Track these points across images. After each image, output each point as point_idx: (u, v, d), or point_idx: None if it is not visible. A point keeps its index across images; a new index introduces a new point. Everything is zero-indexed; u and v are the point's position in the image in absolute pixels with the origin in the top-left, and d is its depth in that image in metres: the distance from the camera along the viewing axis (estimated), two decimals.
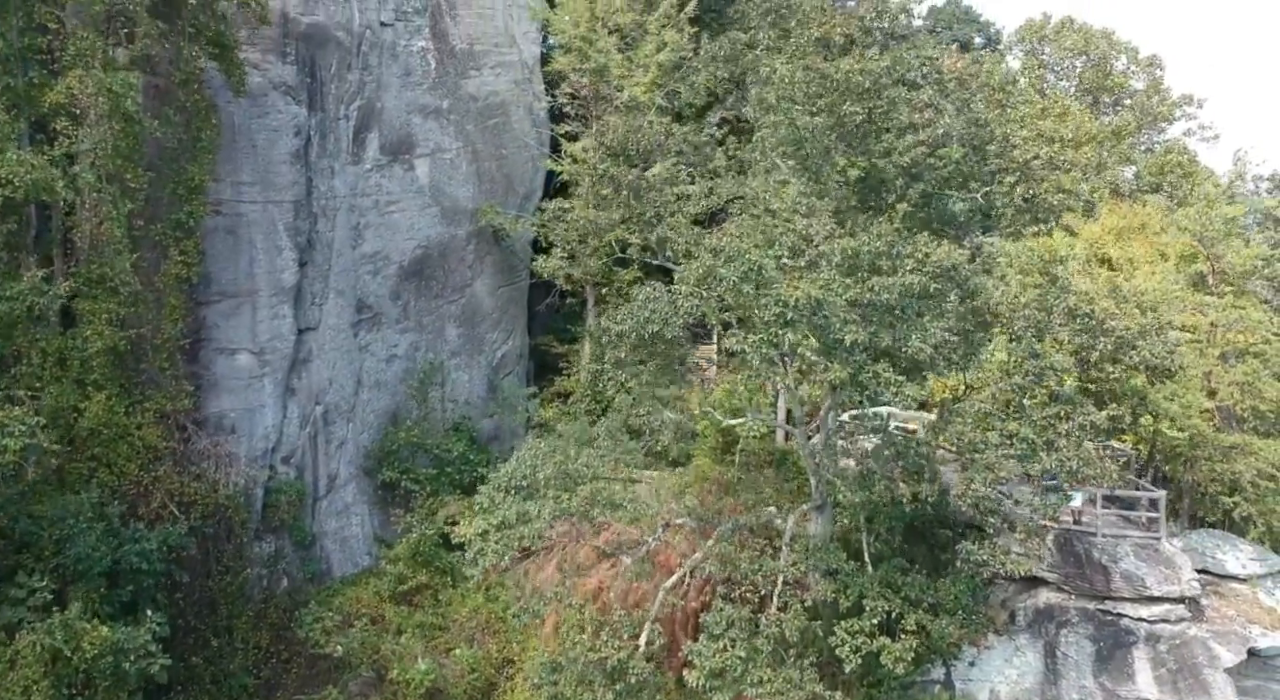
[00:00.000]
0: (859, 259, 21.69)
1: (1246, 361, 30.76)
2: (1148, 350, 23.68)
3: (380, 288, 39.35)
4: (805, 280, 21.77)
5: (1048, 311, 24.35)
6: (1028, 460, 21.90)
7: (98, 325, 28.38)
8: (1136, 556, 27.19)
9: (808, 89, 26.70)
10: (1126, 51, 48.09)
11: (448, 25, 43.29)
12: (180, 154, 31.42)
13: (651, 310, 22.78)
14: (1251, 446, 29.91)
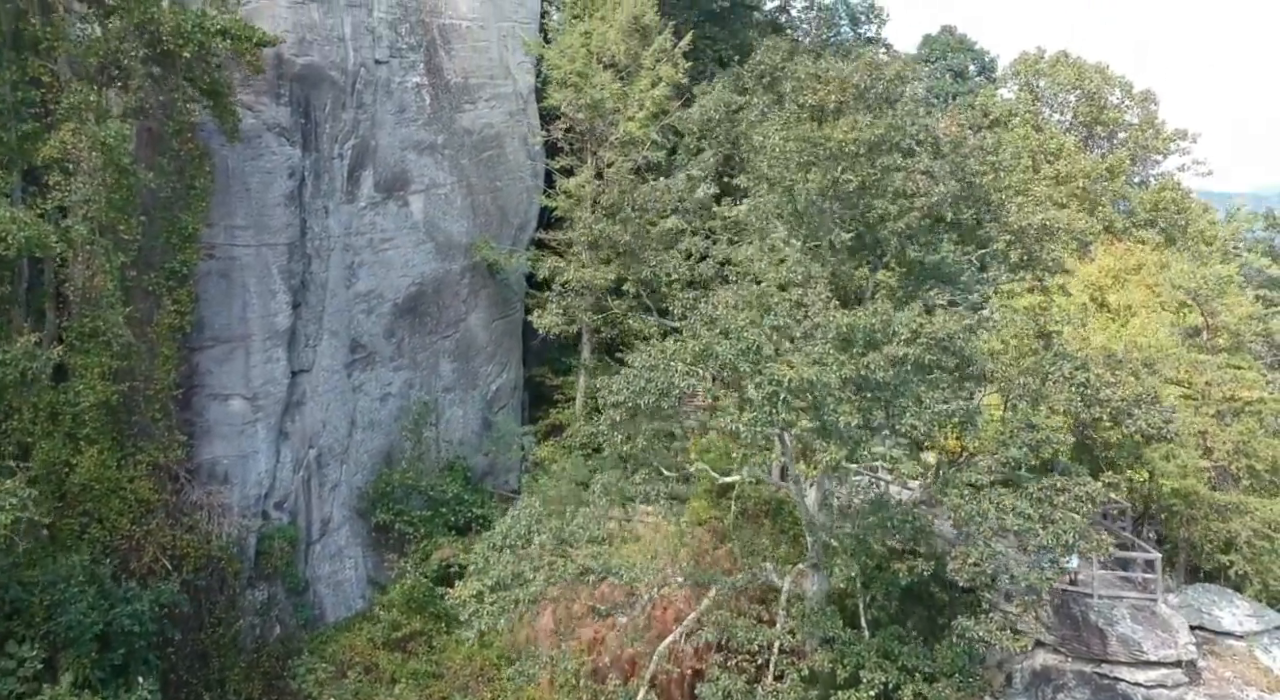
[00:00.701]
0: (854, 334, 21.60)
1: (1242, 420, 30.80)
2: (1144, 420, 23.66)
3: (374, 326, 39.19)
4: (800, 353, 21.67)
5: (1043, 378, 24.30)
6: (1024, 534, 21.84)
7: (90, 379, 28.21)
8: (1133, 619, 27.17)
9: (800, 158, 26.63)
10: (1120, 86, 48.11)
11: (442, 60, 43.13)
12: (174, 202, 31.26)
13: (648, 379, 22.66)
14: (1247, 505, 29.93)
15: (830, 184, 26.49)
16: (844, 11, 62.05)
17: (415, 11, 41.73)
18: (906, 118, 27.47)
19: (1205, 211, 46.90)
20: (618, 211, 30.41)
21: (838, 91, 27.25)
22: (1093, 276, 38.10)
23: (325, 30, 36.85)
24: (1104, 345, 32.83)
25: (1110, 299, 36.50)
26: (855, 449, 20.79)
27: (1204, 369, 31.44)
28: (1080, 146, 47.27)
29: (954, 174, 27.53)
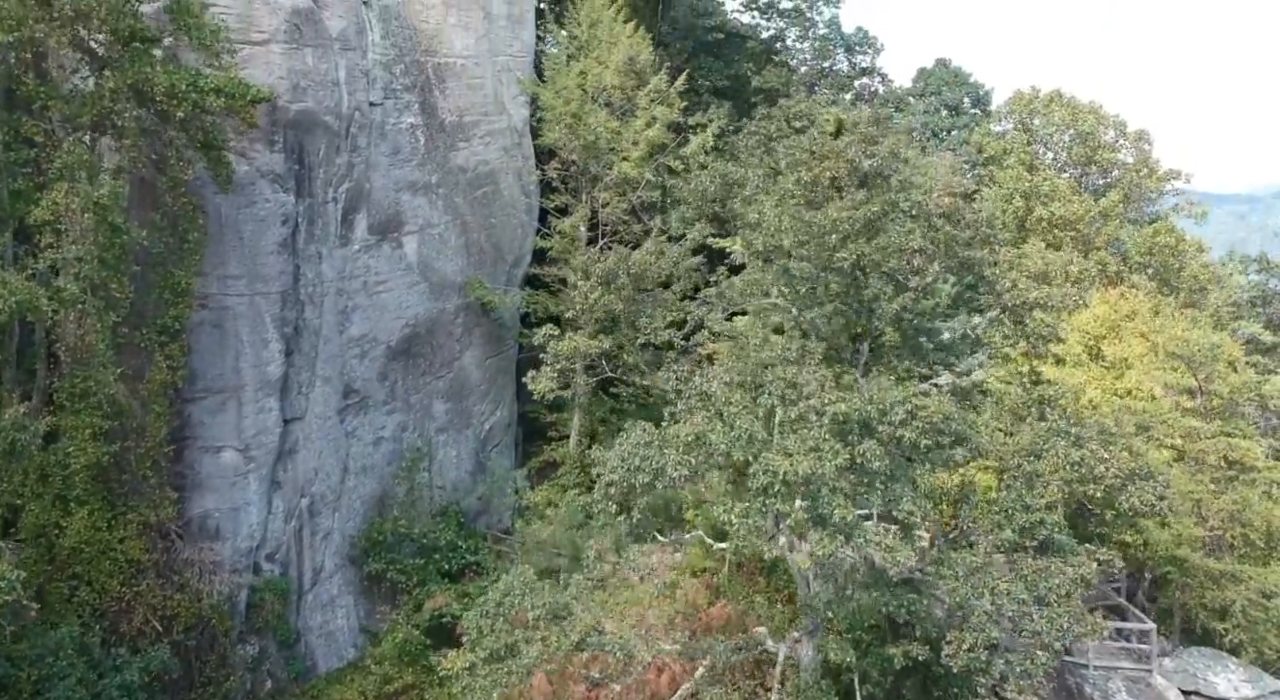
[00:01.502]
0: (849, 422, 21.53)
1: (1236, 488, 30.83)
2: (1137, 497, 23.62)
3: (368, 371, 39.03)
4: (795, 436, 21.58)
5: (1037, 456, 24.26)
6: (1019, 619, 21.78)
7: (81, 440, 28.03)
8: (1129, 692, 27.19)
9: (796, 237, 26.57)
10: (1115, 125, 48.18)
11: (437, 99, 42.99)
12: (166, 257, 31.07)
13: (642, 458, 22.57)
14: (1242, 573, 29.96)
15: (825, 262, 26.43)
16: (839, 41, 62.02)
17: (410, 52, 41.57)
18: (900, 194, 27.40)
19: (1199, 251, 46.92)
20: (613, 280, 30.35)
21: (832, 168, 27.16)
22: (1087, 325, 38.09)
23: (319, 75, 36.61)
24: (1094, 401, 32.80)
25: (1105, 350, 36.47)
26: (849, 538, 20.73)
27: (1199, 435, 31.47)
28: (1074, 187, 47.31)
29: (947, 252, 27.49)
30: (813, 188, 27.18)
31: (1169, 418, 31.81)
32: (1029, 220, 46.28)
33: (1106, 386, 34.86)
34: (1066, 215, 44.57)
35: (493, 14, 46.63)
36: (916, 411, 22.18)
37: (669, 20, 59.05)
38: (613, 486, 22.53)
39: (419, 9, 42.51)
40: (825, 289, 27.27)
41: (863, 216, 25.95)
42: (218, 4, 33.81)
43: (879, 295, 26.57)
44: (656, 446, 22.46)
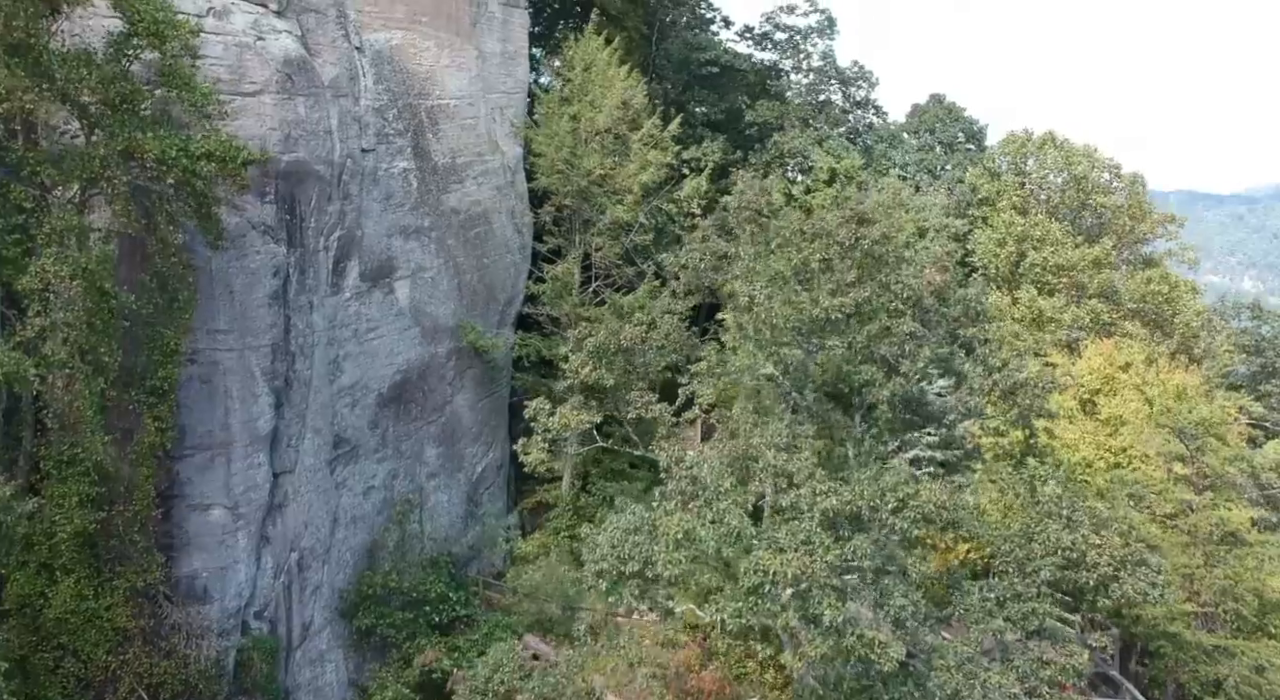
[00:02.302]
0: (841, 515, 21.44)
1: (1228, 562, 30.80)
2: (1130, 586, 23.55)
3: (359, 420, 38.84)
4: (786, 530, 21.47)
5: (1029, 539, 24.20)
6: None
7: (67, 509, 27.79)
8: None
9: (787, 324, 26.48)
10: (1108, 169, 48.14)
11: (430, 142, 42.82)
12: (156, 317, 30.79)
13: (632, 545, 22.45)
14: (1235, 648, 29.92)
15: (817, 349, 26.36)
16: (834, 73, 61.92)
17: (403, 96, 41.40)
18: (891, 276, 27.33)
19: (1193, 294, 46.89)
20: (604, 354, 30.25)
21: (823, 249, 27.07)
22: (1081, 377, 38.05)
23: (312, 125, 36.36)
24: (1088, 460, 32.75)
25: (1100, 404, 36.44)
26: (840, 640, 20.63)
27: (1191, 508, 31.44)
28: (1068, 231, 47.26)
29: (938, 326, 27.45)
30: (804, 269, 27.07)
31: (1162, 488, 31.77)
32: (1022, 265, 46.25)
33: (1100, 443, 34.82)
34: (1060, 262, 44.56)
35: (486, 52, 46.53)
36: (908, 500, 22.08)
37: (663, 52, 58.99)
38: (602, 575, 22.38)
39: (412, 52, 42.30)
40: (818, 371, 27.18)
41: (853, 302, 25.86)
42: (209, 55, 33.60)
43: (870, 381, 26.48)
44: (646, 534, 22.33)
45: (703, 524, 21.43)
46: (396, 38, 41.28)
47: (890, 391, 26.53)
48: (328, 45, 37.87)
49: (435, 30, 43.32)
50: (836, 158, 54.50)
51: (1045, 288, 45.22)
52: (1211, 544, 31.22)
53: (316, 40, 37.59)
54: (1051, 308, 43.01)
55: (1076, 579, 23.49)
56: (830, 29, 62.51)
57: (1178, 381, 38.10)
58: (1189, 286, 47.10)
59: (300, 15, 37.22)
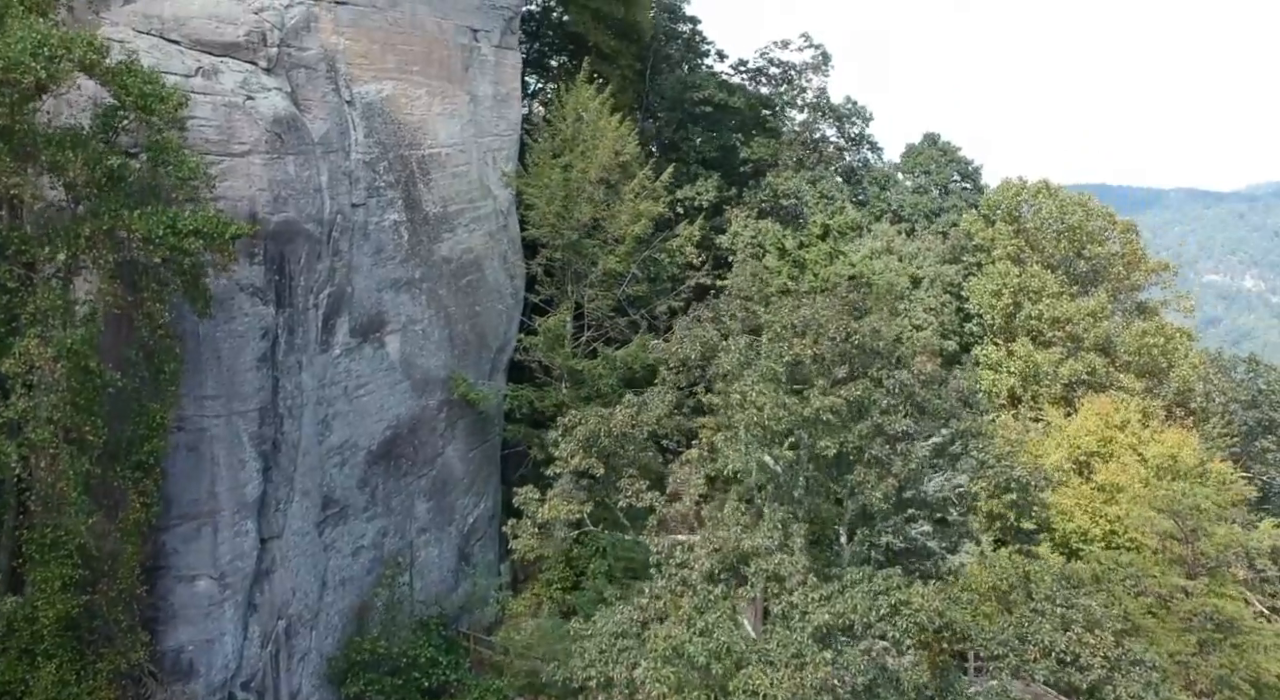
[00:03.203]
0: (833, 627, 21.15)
1: (1223, 650, 30.59)
2: (1124, 689, 23.26)
3: (348, 479, 38.44)
4: (777, 641, 21.16)
5: (1022, 641, 23.93)
6: None
7: (50, 593, 27.36)
8: None
9: (778, 426, 26.20)
10: (1103, 217, 47.94)
11: (421, 192, 42.42)
12: (142, 391, 30.35)
13: (620, 651, 22.12)
14: None
15: (809, 448, 26.09)
16: (828, 110, 61.64)
17: (394, 147, 40.98)
18: (884, 371, 27.08)
19: (1189, 341, 46.68)
20: (594, 442, 29.94)
21: (813, 345, 26.78)
22: (1076, 437, 37.81)
23: (301, 183, 35.93)
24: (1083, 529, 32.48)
25: (1096, 466, 36.21)
26: None
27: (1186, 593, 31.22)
28: (1063, 282, 47.05)
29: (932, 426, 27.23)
30: (795, 366, 26.79)
31: (1157, 572, 31.56)
32: (1018, 317, 46.04)
33: (1096, 510, 34.60)
34: (1055, 315, 44.35)
35: (478, 96, 46.14)
36: (900, 607, 21.79)
37: (656, 88, 58.66)
38: (591, 680, 22.04)
39: (403, 101, 41.86)
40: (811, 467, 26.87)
41: (845, 400, 25.59)
42: (197, 116, 33.22)
43: (864, 482, 26.20)
44: (635, 641, 21.99)
45: (692, 636, 21.09)
46: (387, 88, 40.86)
47: (883, 493, 26.25)
48: (318, 101, 37.44)
49: (427, 78, 42.91)
50: (829, 200, 54.25)
51: (1041, 339, 44.99)
52: (1206, 631, 31.03)
53: (307, 96, 37.16)
54: (1047, 361, 42.78)
55: (1070, 679, 23.23)
56: (825, 64, 62.28)
57: (1174, 442, 37.89)
58: (1185, 335, 46.89)
59: (290, 71, 36.79)
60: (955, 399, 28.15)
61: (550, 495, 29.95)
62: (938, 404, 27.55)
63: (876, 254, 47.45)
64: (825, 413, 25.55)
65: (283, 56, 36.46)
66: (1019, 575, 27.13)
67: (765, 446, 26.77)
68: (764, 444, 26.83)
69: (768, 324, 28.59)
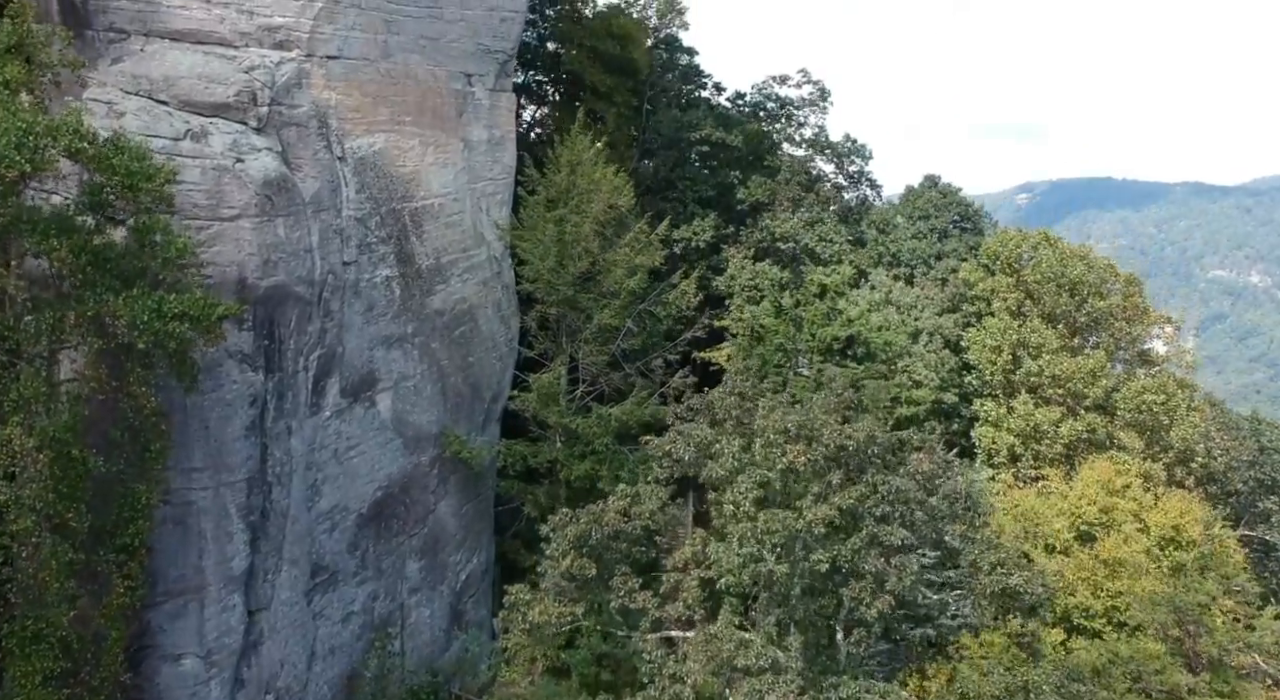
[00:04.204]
0: None
1: None
2: None
3: (337, 544, 37.79)
4: None
5: None
6: None
7: (30, 688, 26.67)
8: None
9: (770, 539, 25.67)
10: (1104, 270, 47.46)
11: (413, 245, 41.73)
12: (127, 472, 29.65)
13: None
14: None
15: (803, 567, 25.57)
16: (826, 146, 61.06)
17: (386, 202, 40.27)
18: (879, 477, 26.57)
19: (1190, 394, 46.21)
20: (585, 542, 29.37)
21: (807, 452, 26.26)
22: (1077, 504, 37.34)
23: (292, 245, 35.26)
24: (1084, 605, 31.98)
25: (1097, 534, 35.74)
26: None
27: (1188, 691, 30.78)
28: (1063, 336, 46.55)
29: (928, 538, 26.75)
30: (789, 472, 26.27)
31: (1159, 665, 31.09)
32: (1018, 373, 45.53)
33: (1098, 584, 34.16)
34: (1055, 372, 43.88)
35: (472, 141, 45.44)
36: None
37: (653, 126, 58.05)
38: None
39: (396, 154, 41.13)
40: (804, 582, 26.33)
41: (837, 511, 25.08)
42: (186, 181, 32.59)
43: (859, 599, 25.67)
44: None
45: None
46: (380, 141, 40.15)
47: (878, 610, 25.73)
48: (309, 159, 36.77)
49: (420, 128, 42.20)
50: (827, 242, 53.73)
51: (1041, 396, 44.50)
52: None
53: (298, 154, 36.51)
54: (1047, 421, 42.31)
55: None
56: (824, 100, 61.69)
57: (1177, 510, 37.44)
58: (1187, 388, 46.41)
59: (281, 130, 36.14)
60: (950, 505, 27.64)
61: (541, 593, 29.27)
62: (934, 506, 27.04)
63: (875, 306, 46.94)
64: (818, 526, 25.05)
65: (273, 115, 35.80)
66: (1018, 684, 26.59)
67: (757, 561, 26.22)
68: (756, 559, 26.28)
69: (760, 429, 27.99)
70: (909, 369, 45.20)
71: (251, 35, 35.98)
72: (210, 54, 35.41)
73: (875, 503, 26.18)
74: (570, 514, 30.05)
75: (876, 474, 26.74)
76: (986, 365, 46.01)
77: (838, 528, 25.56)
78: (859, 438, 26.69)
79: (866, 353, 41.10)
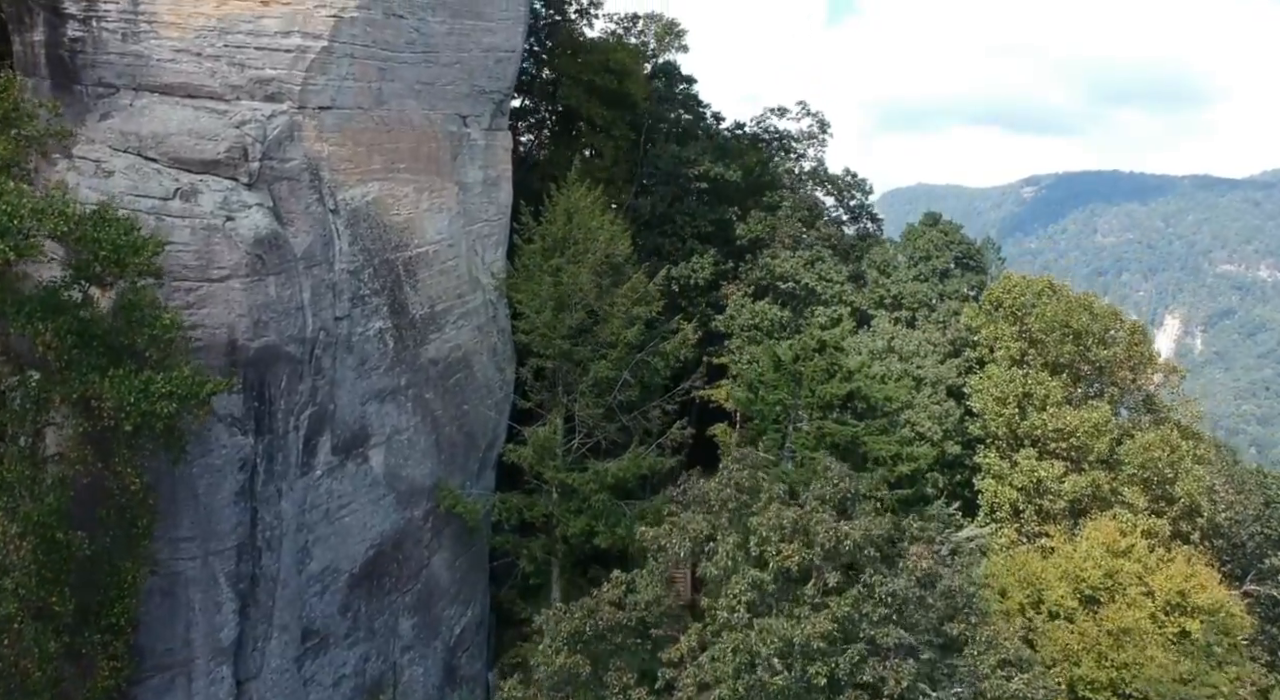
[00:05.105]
0: None
1: None
2: None
3: (329, 607, 37.04)
4: None
5: None
6: None
7: None
8: None
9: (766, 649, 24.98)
10: (1108, 317, 46.87)
11: (407, 295, 40.93)
12: (113, 549, 28.92)
13: None
14: None
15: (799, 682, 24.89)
16: (825, 179, 60.43)
17: (379, 252, 39.46)
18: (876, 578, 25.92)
19: (1196, 444, 45.63)
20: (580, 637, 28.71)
21: (801, 552, 25.61)
22: (1081, 568, 36.75)
23: (283, 304, 34.51)
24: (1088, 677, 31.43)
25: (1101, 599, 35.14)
26: None
27: None
28: (1067, 385, 45.96)
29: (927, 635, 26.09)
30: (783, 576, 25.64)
31: None
32: (1022, 426, 44.94)
33: (1102, 654, 33.58)
34: (1059, 426, 43.31)
35: (468, 183, 44.64)
36: None
37: (651, 159, 57.34)
38: None
39: (390, 202, 40.31)
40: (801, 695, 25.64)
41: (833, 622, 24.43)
42: (175, 242, 31.95)
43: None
44: None
45: None
46: (373, 191, 39.33)
47: None
48: (301, 213, 36.03)
49: (414, 174, 41.38)
50: (828, 282, 53.08)
51: (1045, 449, 43.91)
52: None
53: (290, 209, 35.77)
54: (1050, 477, 41.73)
55: None
56: (823, 132, 61.09)
57: (1182, 574, 36.87)
58: (1191, 439, 45.81)
59: (273, 185, 35.40)
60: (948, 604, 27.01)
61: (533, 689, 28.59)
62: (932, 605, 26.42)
63: (877, 354, 46.31)
64: (815, 640, 24.43)
65: (265, 170, 35.07)
66: None
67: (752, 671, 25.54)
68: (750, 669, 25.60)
69: (755, 528, 27.29)
70: (912, 421, 44.57)
71: (243, 88, 35.18)
72: (201, 109, 34.64)
73: (872, 607, 25.57)
74: (564, 609, 29.34)
75: (874, 574, 26.13)
76: (991, 417, 45.43)
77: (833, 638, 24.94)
78: (855, 537, 26.03)
79: (867, 407, 40.47)
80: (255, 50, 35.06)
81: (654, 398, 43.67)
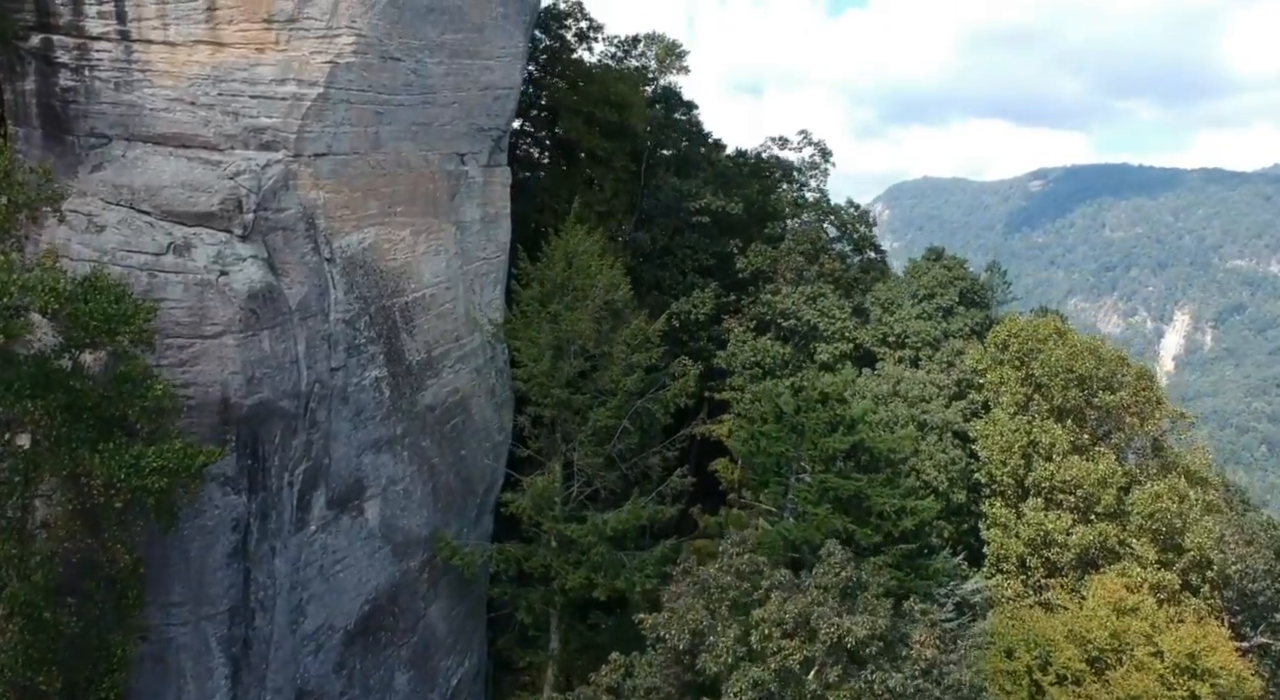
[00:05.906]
0: None
1: None
2: None
3: (323, 666, 36.30)
4: None
5: None
6: None
7: None
8: None
9: None
10: (1114, 363, 46.25)
11: (404, 342, 40.14)
12: (103, 623, 28.17)
13: None
14: None
15: None
16: (828, 211, 59.82)
17: (375, 300, 38.65)
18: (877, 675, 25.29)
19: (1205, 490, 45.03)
20: None
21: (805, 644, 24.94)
22: (1087, 628, 36.13)
23: (277, 359, 33.70)
24: None
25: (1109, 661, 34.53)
26: None
27: None
28: (1073, 432, 45.30)
29: None
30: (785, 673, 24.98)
31: None
32: (1029, 477, 44.33)
33: None
34: (1066, 477, 42.71)
35: (465, 222, 43.84)
36: None
37: (652, 191, 56.64)
38: None
39: (386, 247, 39.48)
40: None
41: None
42: (168, 298, 31.24)
43: None
44: None
45: None
46: (370, 236, 38.54)
47: None
48: (296, 263, 35.26)
49: (411, 217, 40.55)
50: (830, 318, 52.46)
51: (1053, 500, 43.30)
52: None
53: (284, 259, 35.00)
54: (1057, 529, 41.13)
55: None
56: (825, 161, 60.43)
57: (1192, 636, 36.25)
58: (1200, 485, 45.19)
59: (267, 235, 34.63)
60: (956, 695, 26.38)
61: None
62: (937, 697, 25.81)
63: (881, 399, 45.66)
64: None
65: (259, 221, 34.33)
66: None
67: None
68: None
69: (756, 622, 26.63)
70: (917, 469, 43.95)
71: (237, 137, 34.45)
72: (194, 160, 33.98)
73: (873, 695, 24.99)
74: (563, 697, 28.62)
75: (875, 671, 25.51)
76: (997, 465, 44.83)
77: None
78: (859, 634, 25.37)
79: (871, 459, 39.82)
80: (250, 98, 34.32)
81: (654, 442, 42.91)
